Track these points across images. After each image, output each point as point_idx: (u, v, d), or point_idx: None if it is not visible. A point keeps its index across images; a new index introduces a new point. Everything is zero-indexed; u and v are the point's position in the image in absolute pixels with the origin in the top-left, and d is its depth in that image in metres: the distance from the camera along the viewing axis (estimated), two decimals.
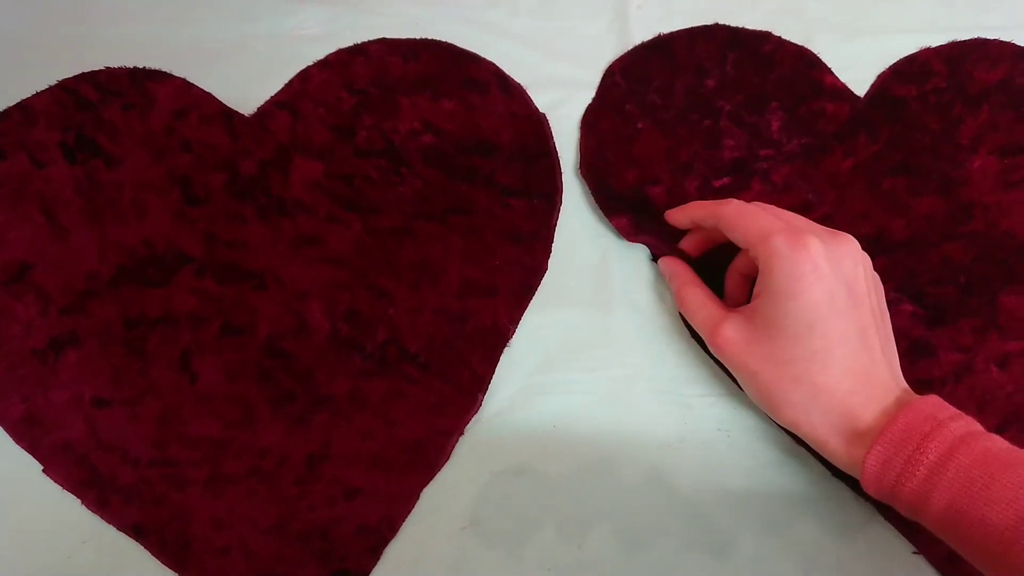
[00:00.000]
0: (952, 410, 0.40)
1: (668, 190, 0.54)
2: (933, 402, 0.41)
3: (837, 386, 0.42)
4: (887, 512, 0.46)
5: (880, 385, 0.42)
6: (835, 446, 0.42)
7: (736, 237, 0.45)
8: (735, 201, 0.47)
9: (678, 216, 0.50)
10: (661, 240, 0.52)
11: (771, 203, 0.52)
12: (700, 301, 0.48)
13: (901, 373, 0.45)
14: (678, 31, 0.58)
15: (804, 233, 0.43)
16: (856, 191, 0.54)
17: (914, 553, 0.46)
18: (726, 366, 0.46)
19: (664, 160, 0.55)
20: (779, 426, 0.47)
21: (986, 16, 0.59)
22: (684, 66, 0.57)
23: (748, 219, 0.45)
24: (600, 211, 0.54)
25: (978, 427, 0.40)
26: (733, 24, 0.58)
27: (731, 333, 0.45)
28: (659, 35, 0.58)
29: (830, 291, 0.42)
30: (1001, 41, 0.57)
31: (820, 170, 0.54)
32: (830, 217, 0.53)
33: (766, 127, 0.56)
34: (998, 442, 0.38)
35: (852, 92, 0.57)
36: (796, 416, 0.43)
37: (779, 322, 0.42)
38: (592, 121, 0.56)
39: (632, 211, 0.53)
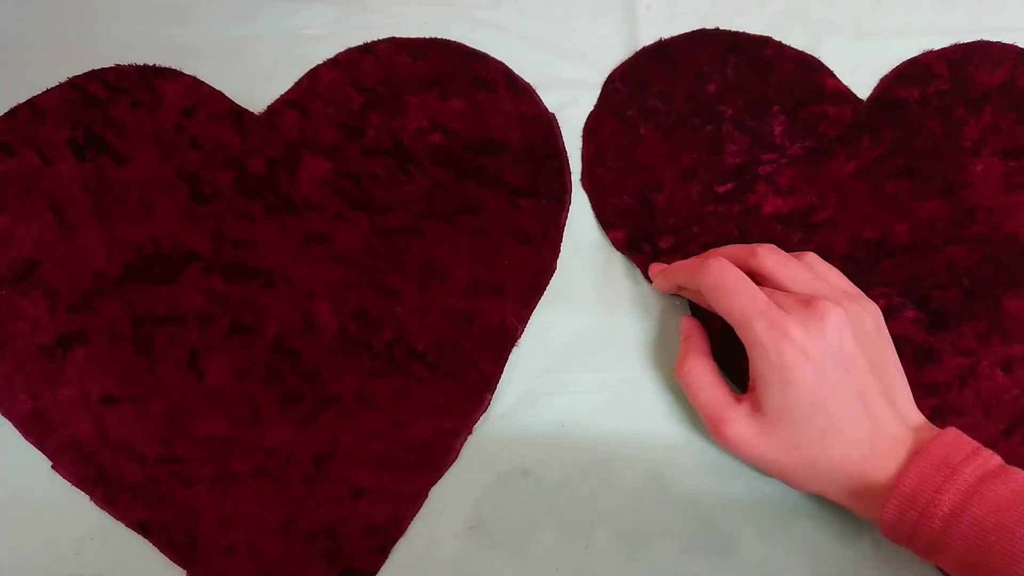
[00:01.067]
0: (967, 447, 0.39)
1: (671, 196, 0.53)
2: (949, 440, 0.40)
3: (849, 456, 0.41)
4: None
5: (890, 440, 0.41)
6: (861, 509, 0.42)
7: (720, 312, 0.44)
8: (713, 266, 0.44)
9: (661, 283, 0.49)
10: (656, 255, 0.52)
11: (775, 206, 0.52)
12: (706, 380, 0.45)
13: (914, 407, 0.44)
14: (678, 36, 0.57)
15: (782, 319, 0.41)
16: (859, 194, 0.53)
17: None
18: (735, 455, 0.45)
19: (667, 166, 0.54)
20: None
21: (991, 18, 0.58)
22: (685, 71, 0.56)
23: (728, 297, 0.43)
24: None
25: (996, 463, 0.39)
26: (740, 26, 0.57)
27: (741, 428, 0.43)
28: (660, 39, 0.57)
29: (820, 370, 0.41)
30: (1003, 43, 0.56)
31: (823, 173, 0.53)
32: (833, 221, 0.52)
33: (768, 131, 0.54)
34: (1015, 482, 0.37)
35: (854, 95, 0.56)
36: (821, 488, 0.43)
37: (781, 411, 0.41)
38: (593, 128, 0.55)
39: (630, 224, 0.52)
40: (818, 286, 0.44)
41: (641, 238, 0.52)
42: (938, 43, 0.57)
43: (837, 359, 0.41)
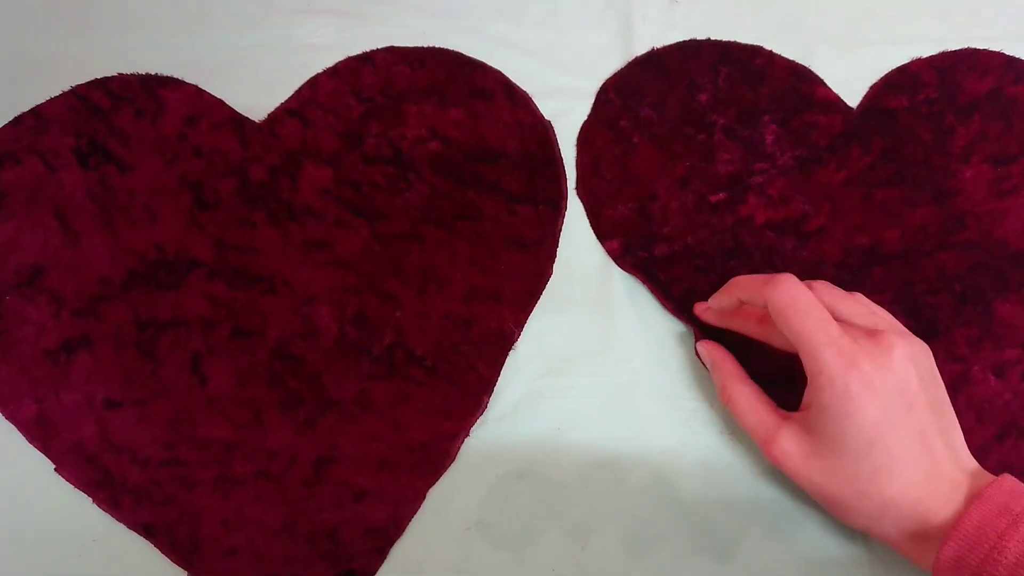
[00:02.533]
0: None
1: (665, 205, 0.52)
2: (1007, 488, 0.38)
3: (904, 496, 0.39)
4: None
5: (947, 482, 0.39)
6: (908, 550, 0.40)
7: (784, 331, 0.41)
8: (785, 283, 0.41)
9: (721, 298, 0.46)
10: (651, 266, 0.51)
11: (768, 216, 0.52)
12: (750, 403, 0.44)
13: (968, 453, 0.42)
14: (670, 46, 0.56)
15: (852, 349, 0.39)
16: (850, 203, 0.52)
17: None
18: (784, 473, 0.43)
19: (660, 175, 0.53)
20: None
21: (980, 28, 0.57)
22: (677, 81, 0.55)
23: (799, 319, 0.40)
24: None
25: None
26: (734, 36, 0.57)
27: (789, 446, 0.41)
28: (652, 49, 0.56)
29: (884, 405, 0.39)
30: (990, 51, 0.56)
31: (814, 182, 0.53)
32: (826, 229, 0.51)
33: (760, 140, 0.54)
34: None
35: (845, 104, 0.55)
36: (867, 524, 0.41)
37: (837, 439, 0.40)
38: (587, 138, 0.54)
39: (625, 234, 0.52)
40: (877, 321, 0.43)
41: (636, 247, 0.51)
42: (928, 52, 0.56)
43: (901, 395, 0.40)
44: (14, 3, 0.58)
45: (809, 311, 0.40)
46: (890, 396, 0.39)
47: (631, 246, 0.51)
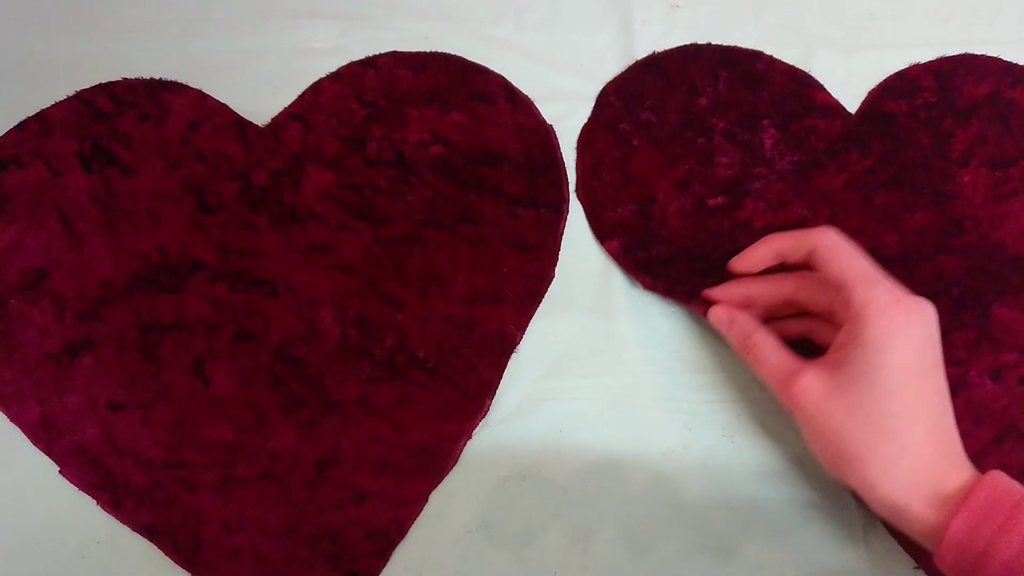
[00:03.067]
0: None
1: (664, 208, 0.52)
2: (1005, 476, 0.38)
3: (923, 446, 0.38)
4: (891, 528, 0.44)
5: (958, 451, 0.39)
6: (917, 510, 0.38)
7: (831, 272, 0.42)
8: (831, 232, 0.43)
9: (758, 251, 0.46)
10: (652, 265, 0.51)
11: (766, 220, 0.52)
12: (774, 348, 0.43)
13: None
14: (671, 49, 0.56)
15: (900, 295, 0.40)
16: (849, 206, 0.52)
17: (915, 568, 0.44)
18: (798, 418, 0.41)
19: (660, 178, 0.53)
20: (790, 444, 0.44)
21: (979, 31, 0.57)
22: (677, 85, 0.55)
23: (848, 258, 0.42)
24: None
25: None
26: (735, 39, 0.56)
27: (810, 383, 0.40)
28: (653, 53, 0.56)
29: (919, 351, 0.39)
30: (988, 56, 0.56)
31: (813, 186, 0.52)
32: None
33: (759, 144, 0.54)
34: None
35: (844, 108, 0.55)
36: (877, 475, 0.39)
37: (871, 374, 0.39)
38: (587, 141, 0.54)
39: (624, 234, 0.51)
40: None
41: (635, 249, 0.51)
42: (928, 56, 0.56)
43: (932, 349, 0.40)
44: (18, 6, 0.57)
45: (855, 253, 0.42)
46: (924, 345, 0.39)
47: (630, 247, 0.51)
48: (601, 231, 0.52)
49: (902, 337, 0.39)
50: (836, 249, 0.42)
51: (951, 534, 0.36)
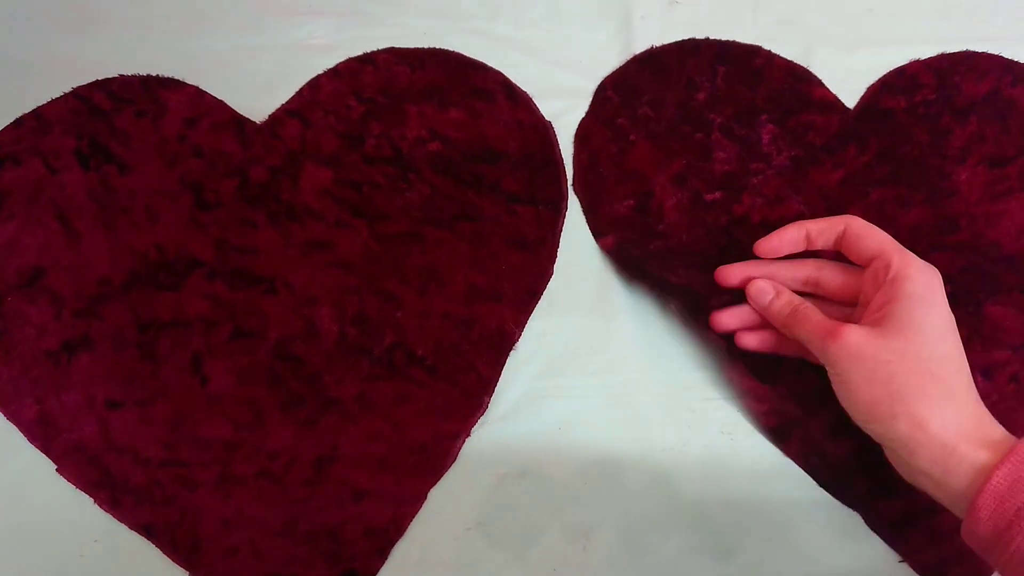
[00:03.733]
0: None
1: (661, 203, 0.51)
2: None
3: (969, 392, 0.40)
4: (872, 519, 0.44)
5: (977, 410, 0.40)
6: (965, 450, 0.38)
7: (867, 245, 0.44)
8: (859, 218, 0.45)
9: (788, 232, 0.46)
10: (646, 261, 0.50)
11: (763, 215, 0.51)
12: (814, 309, 0.44)
13: None
14: (669, 44, 0.56)
15: (929, 265, 0.43)
16: (845, 202, 0.51)
17: (900, 562, 0.44)
18: (843, 367, 0.41)
19: (657, 173, 0.52)
20: None
21: (980, 27, 0.56)
22: (675, 80, 0.54)
23: (882, 233, 0.44)
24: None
25: None
26: (735, 35, 0.56)
27: (859, 332, 0.41)
28: (651, 48, 0.55)
29: (947, 312, 0.41)
30: (989, 54, 0.55)
31: (810, 182, 0.52)
32: None
33: (756, 140, 0.53)
34: None
35: (842, 104, 0.54)
36: (929, 413, 0.39)
37: (918, 323, 0.40)
38: (585, 136, 0.53)
39: (620, 231, 0.51)
40: None
41: (632, 244, 0.50)
42: (928, 52, 0.55)
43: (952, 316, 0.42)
44: (15, 4, 0.57)
45: (886, 234, 0.44)
46: (947, 309, 0.42)
47: (627, 242, 0.50)
48: (597, 226, 0.51)
49: (940, 294, 0.42)
50: (870, 227, 0.44)
51: (998, 478, 0.36)
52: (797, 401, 0.46)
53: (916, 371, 0.39)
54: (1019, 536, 0.35)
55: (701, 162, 0.52)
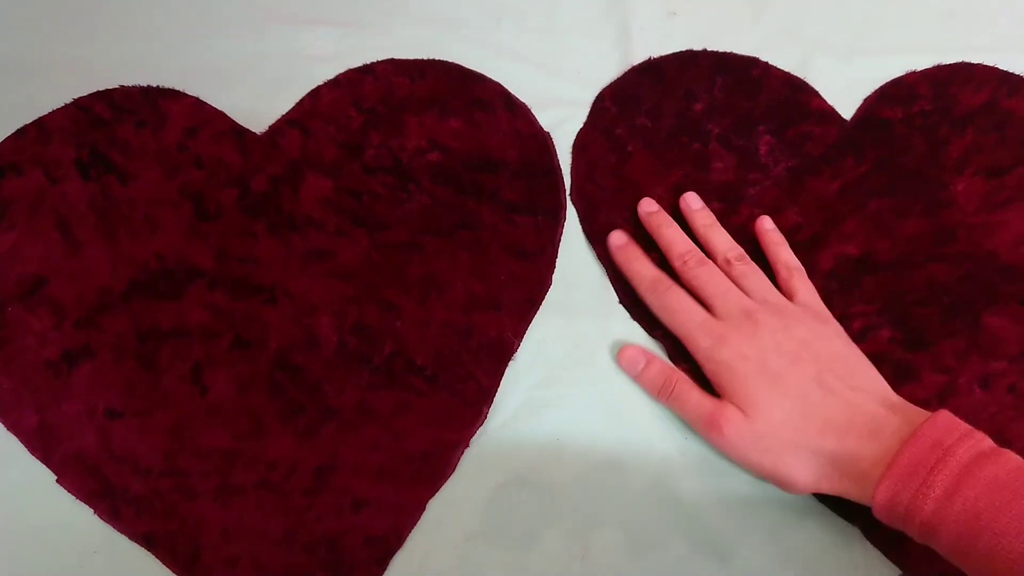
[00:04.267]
0: (961, 429, 0.38)
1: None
2: (941, 423, 0.38)
3: (827, 434, 0.41)
4: (871, 534, 0.44)
5: (866, 417, 0.41)
6: (852, 491, 0.40)
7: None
8: (656, 290, 0.47)
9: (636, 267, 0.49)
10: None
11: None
12: (694, 393, 0.45)
13: (889, 390, 0.43)
14: (667, 55, 0.55)
15: (723, 331, 0.45)
16: (843, 212, 0.51)
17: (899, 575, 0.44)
18: (730, 454, 0.44)
19: (654, 183, 0.52)
20: None
21: (977, 38, 0.56)
22: (673, 90, 0.54)
23: (672, 314, 0.47)
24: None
25: (988, 445, 0.37)
26: (734, 43, 0.55)
27: (734, 424, 0.43)
28: (649, 59, 0.55)
29: (762, 364, 0.43)
30: (985, 65, 0.55)
31: (808, 192, 0.52)
32: (817, 238, 0.50)
33: (754, 150, 0.53)
34: (1007, 463, 0.36)
35: (839, 115, 0.54)
36: (815, 478, 0.41)
37: (748, 404, 0.43)
38: (583, 145, 0.53)
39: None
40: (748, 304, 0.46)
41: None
42: (926, 62, 0.55)
43: (779, 354, 0.43)
44: (16, 12, 0.56)
45: (679, 306, 0.47)
46: (767, 355, 0.43)
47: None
48: (594, 235, 0.51)
49: (741, 367, 0.44)
50: (661, 310, 0.48)
51: (876, 506, 0.38)
52: None
53: (786, 447, 0.41)
54: (914, 536, 0.37)
55: (699, 172, 0.52)
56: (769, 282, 0.48)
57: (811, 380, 0.42)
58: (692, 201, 0.51)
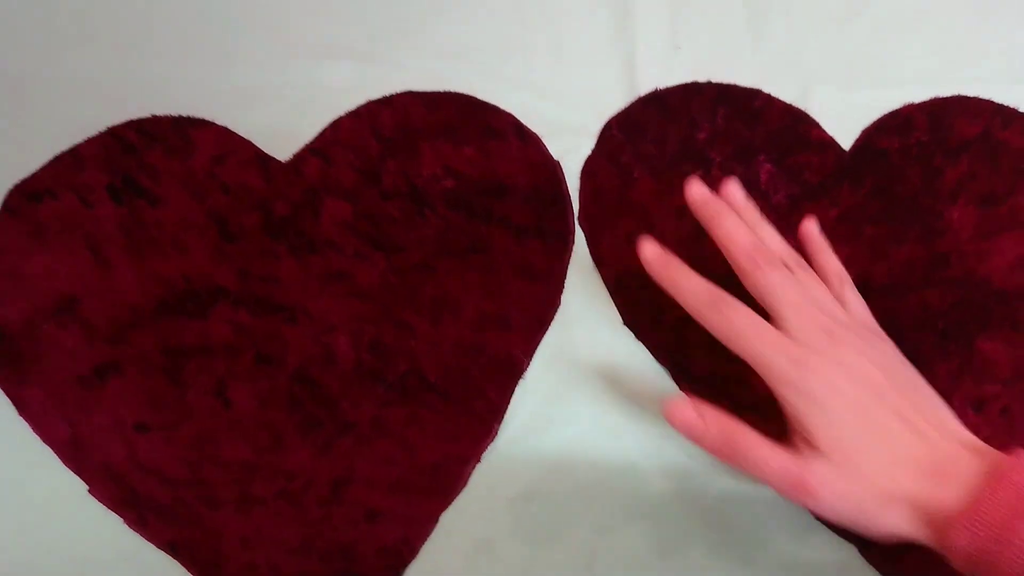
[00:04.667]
0: None
1: (662, 235, 0.51)
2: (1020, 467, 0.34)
3: (906, 474, 0.36)
4: (867, 552, 0.45)
5: (946, 458, 0.36)
6: (932, 538, 0.35)
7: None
8: (723, 311, 0.40)
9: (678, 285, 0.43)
10: (647, 290, 0.50)
11: None
12: (765, 449, 0.38)
13: (960, 426, 0.39)
14: (673, 87, 0.57)
15: (806, 356, 0.38)
16: (840, 238, 0.52)
17: None
18: (824, 513, 0.38)
19: (658, 207, 0.53)
20: None
21: (970, 69, 0.57)
22: (678, 119, 0.56)
23: (740, 336, 0.39)
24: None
25: None
26: (735, 73, 0.57)
27: (820, 477, 0.36)
28: (655, 89, 0.57)
29: (855, 397, 0.37)
30: (979, 98, 0.56)
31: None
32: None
33: (754, 177, 0.54)
34: None
35: (838, 144, 0.55)
36: (895, 522, 0.36)
37: (834, 440, 0.37)
38: (591, 170, 0.55)
39: (622, 262, 0.52)
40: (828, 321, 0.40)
41: (633, 275, 0.51)
42: (921, 93, 0.56)
43: (864, 384, 0.37)
44: (49, 42, 0.59)
45: (756, 332, 0.39)
46: (856, 387, 0.37)
47: (628, 273, 0.51)
48: (600, 257, 0.52)
49: (830, 400, 0.37)
50: (727, 336, 0.40)
51: (956, 551, 0.34)
52: None
53: (867, 490, 0.36)
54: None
55: None
56: (831, 295, 0.43)
57: (894, 415, 0.37)
58: (736, 193, 0.44)
